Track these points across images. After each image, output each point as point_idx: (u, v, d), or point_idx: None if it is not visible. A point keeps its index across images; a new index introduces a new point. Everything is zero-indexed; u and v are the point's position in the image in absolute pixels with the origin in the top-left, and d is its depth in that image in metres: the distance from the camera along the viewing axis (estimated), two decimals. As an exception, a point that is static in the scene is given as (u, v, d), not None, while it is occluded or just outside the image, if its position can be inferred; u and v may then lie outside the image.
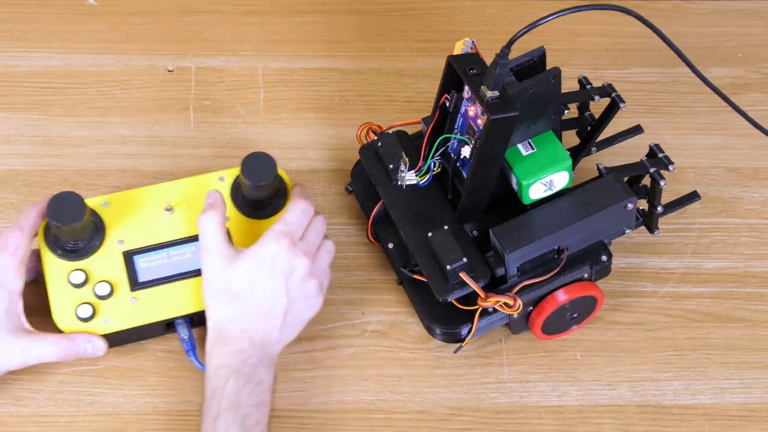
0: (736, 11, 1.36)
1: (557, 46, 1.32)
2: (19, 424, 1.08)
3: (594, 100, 1.11)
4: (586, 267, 1.08)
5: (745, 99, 1.28)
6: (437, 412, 1.10)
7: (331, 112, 1.28)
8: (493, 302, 1.05)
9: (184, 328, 1.09)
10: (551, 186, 1.07)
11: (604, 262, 1.09)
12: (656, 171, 1.08)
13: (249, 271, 1.04)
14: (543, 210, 1.06)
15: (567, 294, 1.07)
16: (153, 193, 1.12)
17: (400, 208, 1.11)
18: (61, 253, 1.09)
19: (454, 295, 1.06)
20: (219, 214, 1.06)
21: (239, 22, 1.34)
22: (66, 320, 1.07)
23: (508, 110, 1.00)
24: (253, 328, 1.03)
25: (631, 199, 1.06)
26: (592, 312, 1.12)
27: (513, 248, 1.04)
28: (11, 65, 1.30)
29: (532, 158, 1.06)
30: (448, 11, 1.35)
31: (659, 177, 1.08)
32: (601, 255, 1.09)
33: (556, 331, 1.12)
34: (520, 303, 1.05)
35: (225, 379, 1.01)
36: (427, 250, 1.07)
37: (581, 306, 1.10)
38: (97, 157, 1.24)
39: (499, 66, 0.99)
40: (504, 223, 1.05)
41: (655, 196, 1.09)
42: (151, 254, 1.10)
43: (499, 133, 1.02)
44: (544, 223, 1.05)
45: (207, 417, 1.00)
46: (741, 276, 1.17)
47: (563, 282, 1.08)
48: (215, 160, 1.23)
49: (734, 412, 1.10)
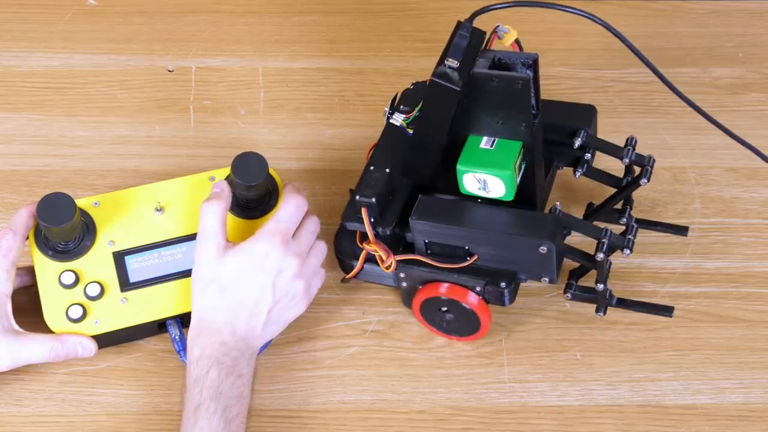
0: (736, 11, 1.36)
1: (557, 46, 1.32)
2: (19, 424, 1.08)
3: (622, 161, 1.09)
4: (480, 281, 1.06)
5: (745, 99, 1.28)
6: (437, 412, 1.10)
7: (331, 112, 1.28)
8: (372, 248, 1.06)
9: (175, 328, 1.09)
10: (485, 187, 1.05)
11: (500, 287, 1.06)
12: (605, 242, 1.03)
13: (239, 266, 1.04)
14: (473, 206, 1.06)
15: (447, 290, 1.07)
16: (144, 193, 1.12)
17: (384, 145, 1.12)
18: (51, 254, 1.09)
19: (352, 225, 1.07)
20: (223, 204, 1.07)
21: (239, 22, 1.35)
22: (57, 321, 1.07)
23: (450, 82, 0.99)
24: (236, 322, 1.04)
25: (547, 243, 1.01)
26: (474, 330, 1.10)
27: (419, 217, 1.04)
28: (11, 65, 1.30)
29: (482, 152, 1.04)
30: (448, 11, 1.35)
31: (603, 249, 1.03)
32: (501, 280, 1.06)
33: (433, 325, 1.12)
34: (393, 262, 1.06)
35: (207, 368, 1.01)
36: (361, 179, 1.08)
37: (461, 315, 1.09)
38: (97, 157, 1.24)
39: (459, 37, 0.98)
40: (434, 197, 1.06)
41: (598, 270, 1.05)
42: (141, 255, 1.10)
43: (439, 100, 1.00)
44: (464, 216, 1.05)
45: (188, 405, 1.01)
46: (741, 276, 1.17)
47: (453, 281, 1.07)
48: (215, 160, 1.23)
49: (734, 412, 1.10)
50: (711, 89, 1.29)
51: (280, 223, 1.06)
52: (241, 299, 1.04)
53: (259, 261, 1.04)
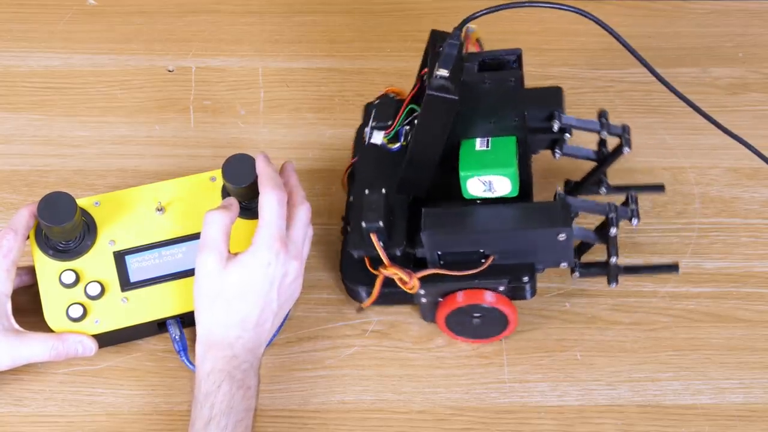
0: (736, 11, 1.36)
1: (557, 46, 1.32)
2: (19, 424, 1.08)
3: (601, 134, 1.09)
4: (503, 280, 1.06)
5: (745, 99, 1.28)
6: (437, 412, 1.10)
7: (331, 112, 1.28)
8: (391, 272, 1.05)
9: (175, 328, 1.09)
10: (491, 188, 1.04)
11: (523, 282, 1.06)
12: (614, 217, 1.04)
13: (243, 279, 1.03)
14: (480, 209, 1.05)
15: (467, 297, 1.06)
16: (144, 193, 1.12)
17: (364, 166, 1.11)
18: (52, 254, 1.09)
19: (361, 252, 1.06)
20: (229, 216, 1.05)
21: (239, 22, 1.35)
22: (57, 320, 1.08)
23: (448, 92, 0.98)
24: (245, 335, 1.03)
25: (566, 230, 1.02)
26: (503, 329, 1.10)
27: (431, 229, 1.02)
28: (11, 65, 1.30)
29: (481, 154, 1.04)
30: (448, 11, 1.35)
31: (614, 223, 1.04)
32: (523, 275, 1.06)
33: (463, 334, 1.11)
34: (416, 282, 1.05)
35: (218, 383, 1.01)
36: (360, 206, 1.06)
37: (489, 317, 1.08)
38: (97, 157, 1.24)
39: (448, 46, 0.98)
40: (439, 207, 1.05)
41: (610, 244, 1.06)
42: (142, 254, 1.10)
43: (437, 112, 1.00)
44: (474, 220, 1.04)
45: (197, 421, 1.00)
46: (741, 276, 1.17)
47: (475, 285, 1.06)
48: (215, 160, 1.23)
49: (734, 412, 1.10)
50: (711, 89, 1.29)
51: (272, 228, 1.04)
52: (249, 311, 1.03)
53: (261, 271, 1.03)
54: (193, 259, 1.08)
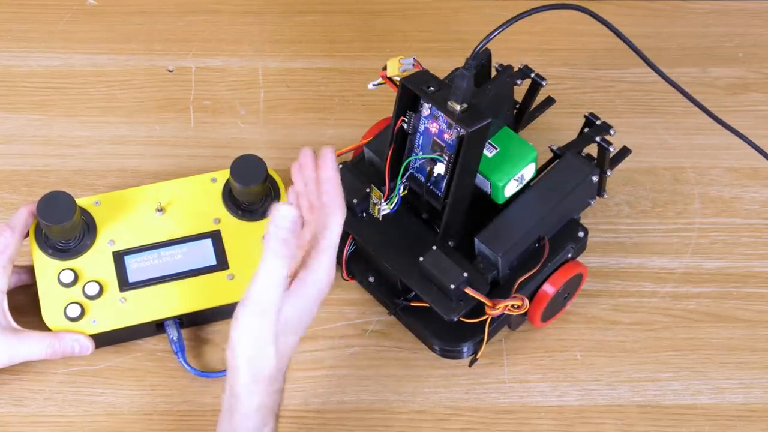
0: (736, 11, 1.36)
1: (557, 46, 1.32)
2: (19, 424, 1.08)
3: (517, 84, 1.10)
4: (568, 247, 1.08)
5: (745, 99, 1.28)
6: (437, 412, 1.10)
7: (331, 112, 1.28)
8: (503, 308, 1.04)
9: (173, 329, 1.09)
10: (522, 180, 1.07)
11: (581, 238, 1.09)
12: (602, 139, 1.08)
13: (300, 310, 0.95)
14: (517, 205, 1.06)
15: (557, 281, 1.07)
16: (145, 193, 1.12)
17: (377, 241, 1.08)
18: (51, 253, 1.09)
19: (462, 312, 1.04)
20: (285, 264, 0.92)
21: (239, 22, 1.35)
22: (55, 319, 1.08)
23: (482, 119, 0.99)
24: (286, 363, 0.97)
25: (595, 171, 1.08)
26: (578, 287, 1.12)
27: (504, 249, 1.04)
28: (11, 65, 1.30)
29: (498, 158, 1.06)
30: (448, 11, 1.35)
31: (607, 143, 1.08)
32: (578, 232, 1.09)
33: (552, 315, 1.12)
34: (527, 301, 1.05)
35: (265, 422, 0.95)
36: (421, 275, 1.05)
37: (571, 285, 1.11)
38: (97, 157, 1.24)
39: (467, 79, 0.98)
40: (485, 228, 1.05)
41: (605, 163, 1.10)
42: (141, 255, 1.10)
43: (476, 143, 1.01)
44: (522, 217, 1.05)
45: None
46: (741, 276, 1.17)
47: (552, 268, 1.08)
48: (215, 160, 1.23)
49: (734, 412, 1.10)
50: (711, 89, 1.29)
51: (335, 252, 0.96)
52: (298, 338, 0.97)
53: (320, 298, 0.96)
54: (193, 260, 1.08)
